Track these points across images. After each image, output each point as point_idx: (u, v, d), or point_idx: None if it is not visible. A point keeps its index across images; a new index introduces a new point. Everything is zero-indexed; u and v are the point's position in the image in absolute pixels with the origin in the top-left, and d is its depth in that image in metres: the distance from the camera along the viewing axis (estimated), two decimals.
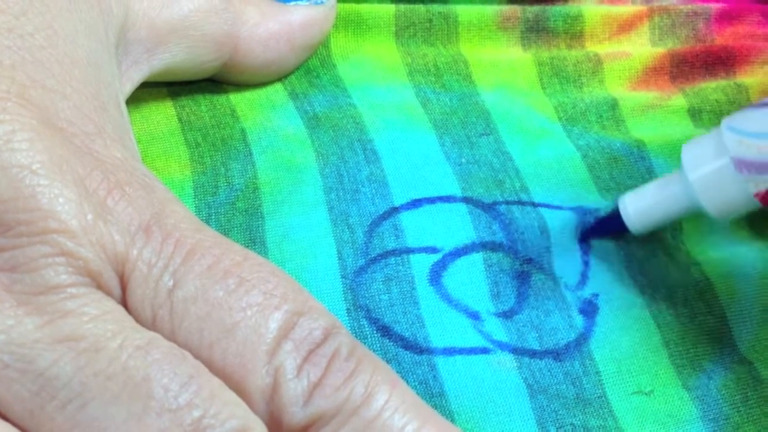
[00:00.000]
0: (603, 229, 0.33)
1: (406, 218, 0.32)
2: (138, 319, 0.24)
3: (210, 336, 0.24)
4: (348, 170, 0.33)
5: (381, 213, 0.32)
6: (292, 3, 0.34)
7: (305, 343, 0.24)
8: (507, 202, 0.33)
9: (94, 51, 0.28)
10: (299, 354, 0.24)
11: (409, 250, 0.32)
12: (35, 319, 0.23)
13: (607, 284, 0.32)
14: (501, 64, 0.37)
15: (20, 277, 0.23)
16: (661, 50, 0.38)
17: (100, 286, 0.24)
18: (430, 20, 0.37)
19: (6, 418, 0.23)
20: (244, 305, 0.24)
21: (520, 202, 0.33)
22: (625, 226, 0.32)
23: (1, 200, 0.23)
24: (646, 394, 0.30)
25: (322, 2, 0.35)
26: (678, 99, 0.37)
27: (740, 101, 0.37)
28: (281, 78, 0.35)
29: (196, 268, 0.24)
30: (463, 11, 0.37)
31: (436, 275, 0.31)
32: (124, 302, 0.24)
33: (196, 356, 0.24)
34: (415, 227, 0.32)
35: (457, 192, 0.33)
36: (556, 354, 0.30)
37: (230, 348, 0.24)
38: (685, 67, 0.38)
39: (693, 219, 0.33)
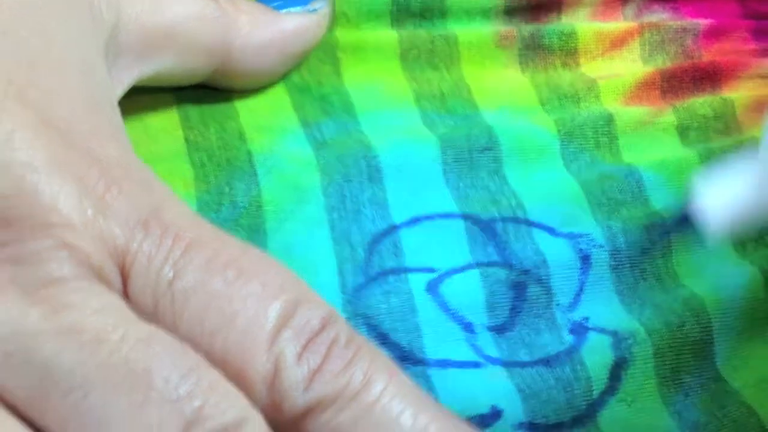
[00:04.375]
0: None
1: (405, 235, 0.33)
2: (139, 310, 0.24)
3: (210, 326, 0.24)
4: (351, 190, 0.33)
5: (381, 231, 0.33)
6: (284, 10, 0.35)
7: (304, 332, 0.24)
8: (503, 219, 0.34)
9: (87, 54, 0.28)
10: (299, 342, 0.24)
11: (407, 270, 0.32)
12: (38, 311, 0.23)
13: (598, 307, 0.32)
14: (501, 90, 0.38)
15: (24, 270, 0.24)
16: (651, 69, 0.39)
17: (101, 279, 0.24)
18: (433, 42, 0.38)
19: (9, 406, 0.23)
20: (244, 295, 0.24)
21: (515, 219, 0.34)
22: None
23: (3, 196, 0.24)
24: (628, 404, 0.30)
25: (314, 10, 0.35)
26: (669, 115, 0.37)
27: (726, 115, 0.38)
28: (269, 84, 0.36)
29: (196, 261, 0.25)
30: (462, 33, 0.38)
31: (434, 286, 0.32)
32: (125, 295, 0.25)
33: (197, 346, 0.24)
34: (414, 246, 0.33)
35: (454, 209, 0.34)
36: (547, 361, 0.31)
37: (230, 337, 0.24)
38: (674, 82, 0.38)
39: (684, 234, 0.34)
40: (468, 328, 0.31)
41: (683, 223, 0.32)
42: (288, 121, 0.36)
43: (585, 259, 0.33)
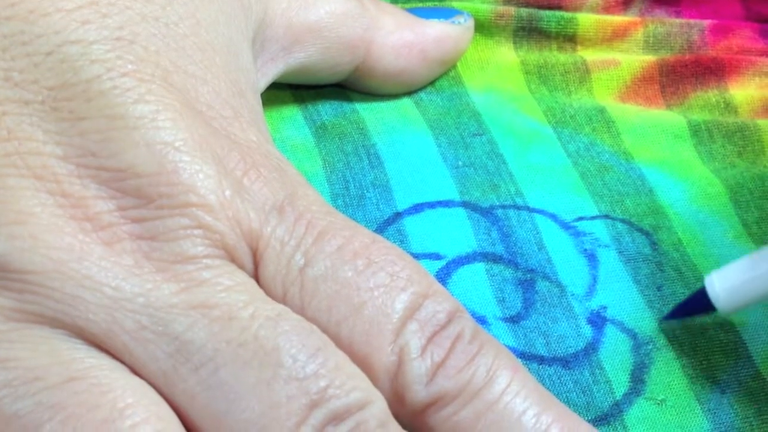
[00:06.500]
0: (688, 310, 0.31)
1: (409, 223, 0.33)
2: (269, 294, 0.25)
3: (338, 314, 0.24)
4: (353, 176, 0.34)
5: (385, 218, 0.33)
6: (430, 19, 0.36)
7: (430, 325, 0.25)
8: (503, 206, 0.33)
9: (234, 40, 0.29)
10: (424, 334, 0.24)
11: (414, 256, 0.32)
12: (172, 286, 0.24)
13: (615, 298, 0.32)
14: (488, 67, 0.38)
15: (159, 246, 0.24)
16: (651, 58, 0.38)
17: (233, 260, 0.25)
18: None
19: (139, 376, 0.24)
20: (372, 285, 0.25)
21: (516, 207, 0.33)
22: (712, 306, 0.29)
23: (145, 174, 0.24)
24: (657, 403, 0.29)
25: (457, 23, 0.36)
26: (669, 113, 0.37)
27: (730, 115, 0.37)
28: (411, 90, 0.36)
29: (327, 249, 0.25)
30: (458, 6, 0.38)
31: (441, 281, 0.31)
32: (255, 277, 0.25)
33: (324, 332, 0.24)
34: (418, 233, 0.32)
35: (455, 196, 0.34)
36: (565, 362, 0.30)
37: (357, 326, 0.24)
38: (675, 76, 0.37)
39: (693, 232, 0.33)
40: (480, 320, 0.31)
41: (695, 300, 0.30)
42: (285, 103, 0.36)
43: (591, 257, 0.33)
